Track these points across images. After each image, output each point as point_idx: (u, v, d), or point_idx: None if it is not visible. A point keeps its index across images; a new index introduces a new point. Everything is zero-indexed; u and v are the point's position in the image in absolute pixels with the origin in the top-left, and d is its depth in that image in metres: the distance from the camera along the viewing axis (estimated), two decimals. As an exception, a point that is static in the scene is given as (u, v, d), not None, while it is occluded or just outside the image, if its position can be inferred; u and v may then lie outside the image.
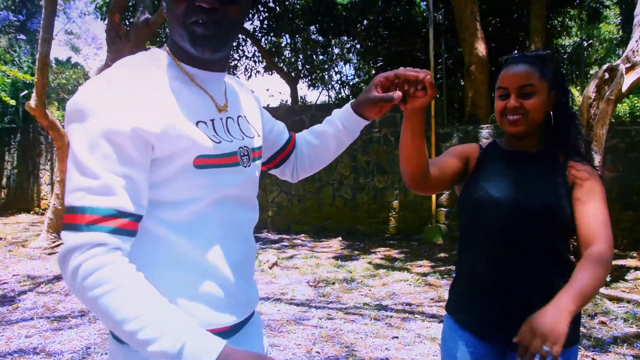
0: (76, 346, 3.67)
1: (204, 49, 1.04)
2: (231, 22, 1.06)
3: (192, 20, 1.01)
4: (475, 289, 1.56)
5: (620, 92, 5.22)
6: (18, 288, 5.48)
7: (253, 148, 1.18)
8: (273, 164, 1.42)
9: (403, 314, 4.55)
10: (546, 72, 1.54)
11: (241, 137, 1.15)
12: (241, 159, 1.12)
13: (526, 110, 1.48)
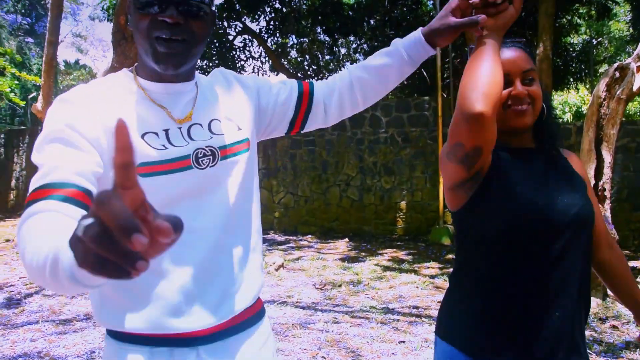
0: (80, 350, 3.65)
1: (167, 66, 1.04)
2: (195, 38, 1.05)
3: (156, 36, 1.01)
4: (517, 315, 1.23)
5: (631, 91, 5.13)
6: (24, 291, 5.48)
7: (225, 146, 1.13)
8: (296, 129, 1.35)
9: (410, 317, 4.49)
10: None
11: (207, 138, 1.12)
12: (197, 161, 1.08)
13: (533, 99, 1.26)
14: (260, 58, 16.37)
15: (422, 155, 9.70)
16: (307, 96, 1.31)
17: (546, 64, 11.06)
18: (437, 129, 9.36)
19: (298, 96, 1.31)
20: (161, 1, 1.00)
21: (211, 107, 1.17)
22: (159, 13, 1.00)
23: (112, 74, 1.12)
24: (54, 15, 6.95)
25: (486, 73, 1.15)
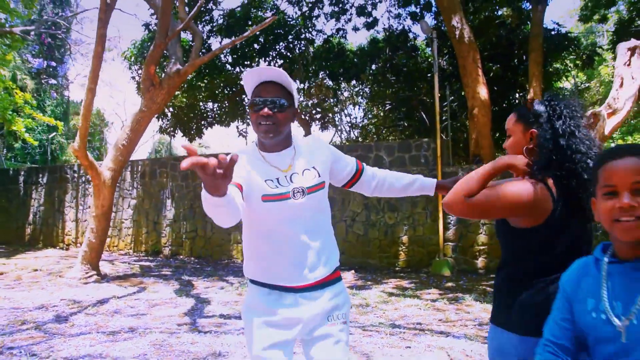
0: (134, 353, 4.27)
1: (266, 137, 1.85)
2: (280, 121, 1.85)
3: (260, 122, 1.83)
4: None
5: (603, 134, 5.91)
6: (68, 310, 6.10)
7: (310, 186, 1.90)
8: (348, 185, 2.17)
9: (414, 330, 5.11)
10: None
11: (300, 182, 1.89)
12: (294, 195, 1.87)
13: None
14: (269, 101, 17.30)
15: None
16: (358, 174, 2.16)
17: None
18: (436, 168, 10.12)
19: (353, 174, 2.15)
20: (261, 104, 1.82)
21: (304, 160, 1.96)
22: (260, 110, 1.83)
23: (248, 146, 1.98)
24: (95, 66, 7.79)
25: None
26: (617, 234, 1.22)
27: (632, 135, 22.59)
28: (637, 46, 6.36)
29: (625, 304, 1.20)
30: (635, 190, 1.19)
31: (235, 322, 5.51)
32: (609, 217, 1.22)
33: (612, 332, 1.20)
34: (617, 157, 1.23)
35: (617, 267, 1.26)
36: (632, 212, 1.18)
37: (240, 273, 9.71)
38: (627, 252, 1.24)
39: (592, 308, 1.26)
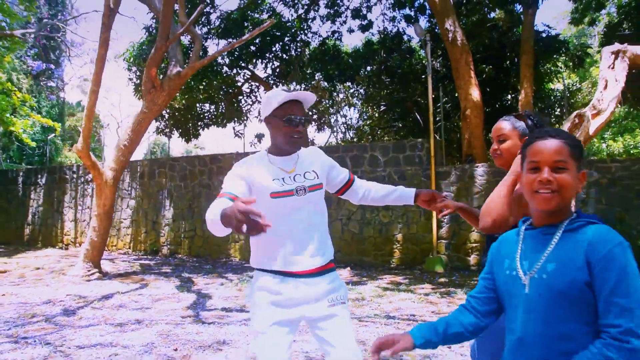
0: (142, 342, 4.50)
1: (294, 147, 2.20)
2: (304, 135, 2.25)
3: (293, 135, 2.17)
4: None
5: (588, 134, 6.18)
6: (75, 305, 6.32)
7: (310, 185, 2.19)
8: (339, 193, 2.48)
9: (408, 321, 5.37)
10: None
11: (299, 182, 2.17)
12: (297, 192, 2.15)
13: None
14: (266, 102, 17.56)
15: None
16: (349, 184, 2.46)
17: (527, 108, 12.22)
18: (429, 167, 10.39)
19: (345, 182, 2.45)
20: (297, 121, 2.14)
21: (305, 164, 2.26)
22: (296, 126, 2.15)
23: (258, 154, 2.28)
24: (98, 68, 8.01)
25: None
26: (536, 203, 1.43)
27: (623, 136, 22.96)
28: (620, 50, 6.64)
29: (531, 262, 1.43)
30: (554, 168, 1.40)
31: (237, 315, 5.75)
32: (531, 189, 1.43)
33: (519, 285, 1.43)
34: (543, 138, 1.45)
35: (530, 233, 1.50)
36: (549, 185, 1.39)
37: (239, 270, 9.95)
38: (540, 220, 1.47)
39: (507, 267, 1.50)
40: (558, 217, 1.43)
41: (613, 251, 1.31)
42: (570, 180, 1.40)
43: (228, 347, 4.35)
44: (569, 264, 1.34)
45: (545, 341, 1.36)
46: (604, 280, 1.29)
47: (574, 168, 1.42)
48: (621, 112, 22.37)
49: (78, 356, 4.07)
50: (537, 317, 1.37)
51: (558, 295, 1.34)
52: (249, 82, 17.04)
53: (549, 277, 1.36)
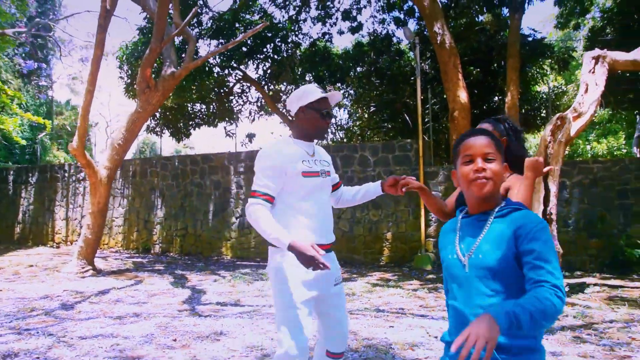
0: (142, 333, 4.68)
1: (323, 136, 2.56)
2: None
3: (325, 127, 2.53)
4: None
5: (569, 136, 6.44)
6: (72, 299, 6.47)
7: (327, 171, 2.56)
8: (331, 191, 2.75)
9: (397, 314, 5.60)
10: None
11: (321, 166, 2.52)
12: (321, 174, 2.49)
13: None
14: (258, 102, 17.72)
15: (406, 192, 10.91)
16: (338, 185, 2.76)
17: (514, 110, 12.53)
18: (418, 167, 10.64)
19: (336, 182, 2.75)
20: (329, 116, 2.50)
21: (320, 154, 2.60)
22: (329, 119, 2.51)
23: (284, 139, 2.55)
24: (94, 69, 8.15)
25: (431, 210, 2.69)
26: (473, 190, 1.65)
27: (606, 138, 23.45)
28: (600, 55, 6.91)
29: (468, 245, 1.66)
30: (485, 159, 1.63)
31: (232, 309, 5.93)
32: (467, 179, 1.65)
33: (460, 266, 1.65)
34: (473, 136, 1.69)
35: (467, 220, 1.73)
36: (483, 173, 1.61)
37: (230, 268, 10.12)
38: (475, 207, 1.70)
39: (449, 252, 1.72)
40: (490, 204, 1.67)
41: (537, 227, 1.55)
42: (499, 169, 1.64)
43: (225, 338, 4.54)
44: (501, 243, 1.57)
45: (482, 311, 1.49)
46: (530, 250, 1.51)
47: (500, 159, 1.66)
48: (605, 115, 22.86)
49: (81, 346, 4.23)
50: (475, 291, 1.60)
51: (492, 270, 1.57)
52: (240, 82, 17.18)
53: (484, 256, 1.59)
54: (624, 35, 12.04)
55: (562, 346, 4.31)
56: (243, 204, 12.44)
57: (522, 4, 12.64)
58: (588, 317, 5.47)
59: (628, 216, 9.48)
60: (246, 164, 12.57)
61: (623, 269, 9.11)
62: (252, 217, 2.27)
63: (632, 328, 4.95)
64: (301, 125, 2.51)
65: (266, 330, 4.85)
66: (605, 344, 4.35)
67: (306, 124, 2.50)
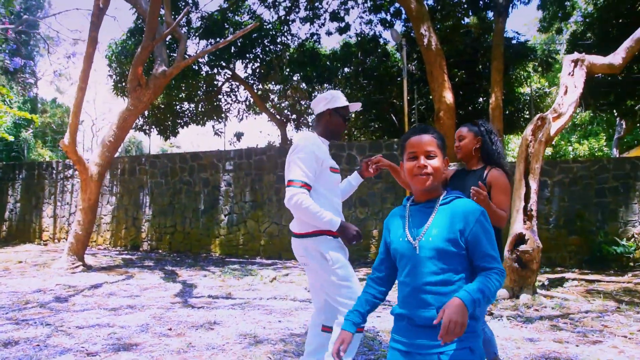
0: (138, 322, 4.83)
1: (339, 139, 3.13)
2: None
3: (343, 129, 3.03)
4: None
5: (549, 135, 6.72)
6: (65, 293, 6.58)
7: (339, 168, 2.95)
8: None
9: (383, 305, 5.80)
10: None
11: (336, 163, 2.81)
12: (339, 171, 2.93)
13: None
14: (246, 102, 17.86)
15: (393, 190, 11.17)
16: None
17: (498, 111, 12.83)
18: (404, 166, 10.88)
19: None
20: (348, 121, 2.83)
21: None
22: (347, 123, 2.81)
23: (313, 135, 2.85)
24: (85, 66, 8.25)
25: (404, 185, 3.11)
26: (415, 184, 1.90)
27: (588, 139, 23.96)
28: (579, 59, 7.21)
29: (418, 229, 1.88)
30: (427, 156, 1.87)
31: (224, 301, 6.10)
32: (411, 173, 1.89)
33: (411, 248, 1.86)
34: (418, 134, 1.92)
35: (415, 207, 1.96)
36: (424, 170, 1.86)
37: (220, 264, 10.26)
38: (421, 197, 1.95)
39: (400, 236, 1.92)
40: (433, 194, 1.92)
41: (480, 218, 1.83)
42: (439, 165, 1.88)
43: (219, 327, 4.71)
44: (448, 228, 1.82)
45: (430, 287, 1.81)
46: (478, 240, 1.81)
47: (441, 156, 1.90)
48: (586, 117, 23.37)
49: (79, 334, 4.38)
50: (425, 270, 1.82)
51: (440, 251, 1.81)
52: (229, 81, 17.31)
53: (434, 239, 1.82)
54: (603, 40, 12.41)
55: (539, 333, 4.55)
56: (232, 202, 12.59)
57: (506, 7, 12.95)
58: (565, 308, 5.73)
59: (605, 214, 9.82)
60: (235, 162, 12.72)
61: (601, 264, 9.45)
62: (300, 205, 2.60)
63: (606, 317, 5.22)
64: (326, 126, 2.87)
65: (258, 320, 5.03)
66: (579, 331, 4.61)
67: (331, 125, 2.87)
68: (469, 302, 1.67)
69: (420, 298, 1.82)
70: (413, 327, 1.84)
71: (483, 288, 1.71)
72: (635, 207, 9.69)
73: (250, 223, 12.28)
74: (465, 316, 1.65)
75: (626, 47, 7.24)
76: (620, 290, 7.08)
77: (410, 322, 1.85)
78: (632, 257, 9.42)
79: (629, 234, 9.64)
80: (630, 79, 12.84)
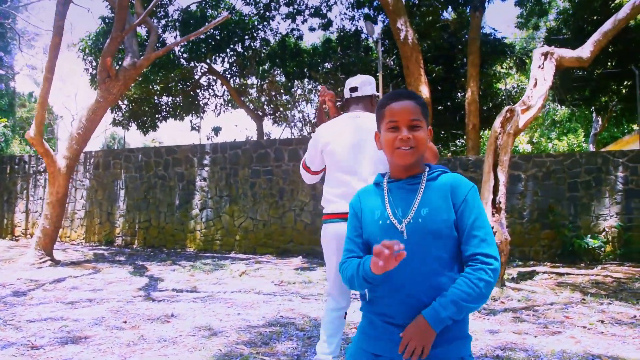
0: (93, 316, 4.70)
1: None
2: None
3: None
4: None
5: (517, 127, 6.70)
6: (25, 287, 6.41)
7: None
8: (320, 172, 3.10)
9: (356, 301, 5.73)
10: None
11: None
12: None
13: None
14: (223, 96, 17.69)
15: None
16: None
17: (474, 106, 12.86)
18: (379, 160, 10.83)
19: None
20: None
21: None
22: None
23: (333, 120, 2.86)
24: (52, 57, 8.06)
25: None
26: (396, 159, 1.59)
27: (567, 136, 24.20)
28: (549, 52, 7.21)
29: (404, 209, 1.57)
30: (411, 127, 1.57)
31: (187, 295, 5.99)
32: (392, 146, 1.58)
33: (396, 232, 1.54)
34: (399, 100, 1.60)
35: (395, 184, 1.64)
36: (408, 142, 1.55)
37: (192, 259, 10.13)
38: (402, 173, 1.63)
39: (379, 217, 1.60)
40: (416, 169, 1.62)
41: (470, 193, 1.55)
42: (424, 136, 1.59)
43: (176, 319, 4.61)
44: (439, 208, 1.53)
45: (420, 278, 1.50)
46: (466, 219, 1.51)
47: (425, 125, 1.61)
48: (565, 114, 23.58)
49: (28, 328, 4.24)
50: (415, 257, 1.49)
51: (433, 234, 1.51)
52: (206, 75, 17.13)
53: (425, 220, 1.52)
54: (578, 36, 12.49)
55: (501, 325, 4.52)
56: (207, 197, 12.44)
57: (482, 2, 12.97)
58: (531, 301, 5.72)
59: (577, 208, 9.87)
60: (211, 156, 12.57)
61: (572, 258, 9.49)
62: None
63: (569, 309, 5.21)
64: (371, 109, 2.92)
65: (217, 312, 4.93)
66: (540, 323, 4.59)
67: (372, 110, 2.89)
68: (436, 321, 1.43)
69: (405, 290, 1.51)
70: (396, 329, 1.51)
71: (458, 299, 1.43)
72: (607, 201, 9.76)
73: (225, 218, 12.15)
74: (430, 338, 1.43)
75: (594, 40, 7.26)
76: (589, 282, 7.10)
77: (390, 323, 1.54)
78: (603, 250, 9.48)
79: (601, 227, 9.70)
80: (604, 75, 12.94)
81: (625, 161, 9.77)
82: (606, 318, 4.75)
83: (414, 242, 1.50)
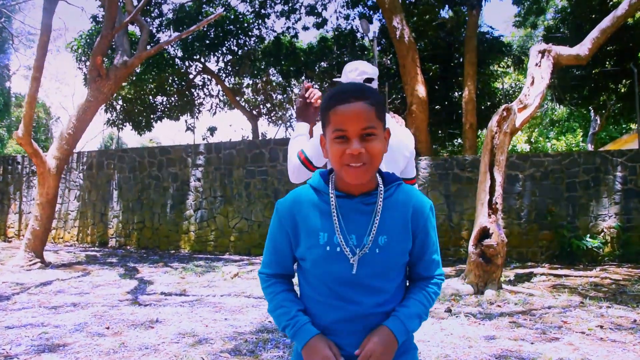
0: (75, 322, 4.55)
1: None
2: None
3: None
4: None
5: (514, 126, 6.56)
6: (10, 291, 6.25)
7: None
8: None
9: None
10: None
11: None
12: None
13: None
14: (218, 96, 17.54)
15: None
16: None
17: (471, 105, 12.72)
18: (375, 160, 10.69)
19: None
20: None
21: None
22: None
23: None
24: (40, 55, 7.90)
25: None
26: (346, 177, 1.29)
27: (565, 135, 24.07)
28: (546, 49, 7.07)
29: (358, 236, 1.30)
30: (363, 136, 1.25)
31: (175, 298, 5.84)
32: (339, 162, 1.27)
33: (344, 262, 1.30)
34: (347, 101, 1.26)
35: (346, 202, 1.34)
36: (359, 158, 1.24)
37: (185, 260, 9.97)
38: (354, 189, 1.33)
39: (326, 242, 1.31)
40: (370, 185, 1.35)
41: (429, 217, 1.38)
42: (380, 147, 1.29)
43: (160, 325, 4.45)
44: (398, 236, 1.33)
45: (371, 311, 1.33)
46: (426, 245, 1.38)
47: (381, 129, 1.30)
48: (563, 113, 23.46)
49: (5, 335, 4.08)
50: (364, 289, 1.32)
51: (390, 266, 1.33)
52: (200, 74, 16.98)
53: (382, 251, 1.31)
54: (576, 34, 12.35)
55: (497, 330, 4.37)
56: (201, 197, 12.29)
57: (479, 0, 12.82)
58: (528, 304, 5.57)
59: (575, 208, 9.73)
60: (205, 156, 12.41)
61: (571, 259, 9.35)
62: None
63: (567, 313, 5.07)
64: None
65: (204, 318, 4.78)
66: (538, 328, 4.44)
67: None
68: (401, 334, 1.29)
69: (353, 328, 1.31)
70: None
71: (420, 312, 1.34)
72: (605, 201, 9.62)
73: (219, 219, 12.00)
74: (393, 352, 1.28)
75: (592, 37, 7.12)
76: (587, 284, 6.96)
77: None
78: (601, 251, 9.34)
79: (599, 228, 9.56)
80: (603, 74, 12.81)
81: (624, 160, 9.63)
82: (605, 323, 4.60)
83: (366, 275, 1.30)
